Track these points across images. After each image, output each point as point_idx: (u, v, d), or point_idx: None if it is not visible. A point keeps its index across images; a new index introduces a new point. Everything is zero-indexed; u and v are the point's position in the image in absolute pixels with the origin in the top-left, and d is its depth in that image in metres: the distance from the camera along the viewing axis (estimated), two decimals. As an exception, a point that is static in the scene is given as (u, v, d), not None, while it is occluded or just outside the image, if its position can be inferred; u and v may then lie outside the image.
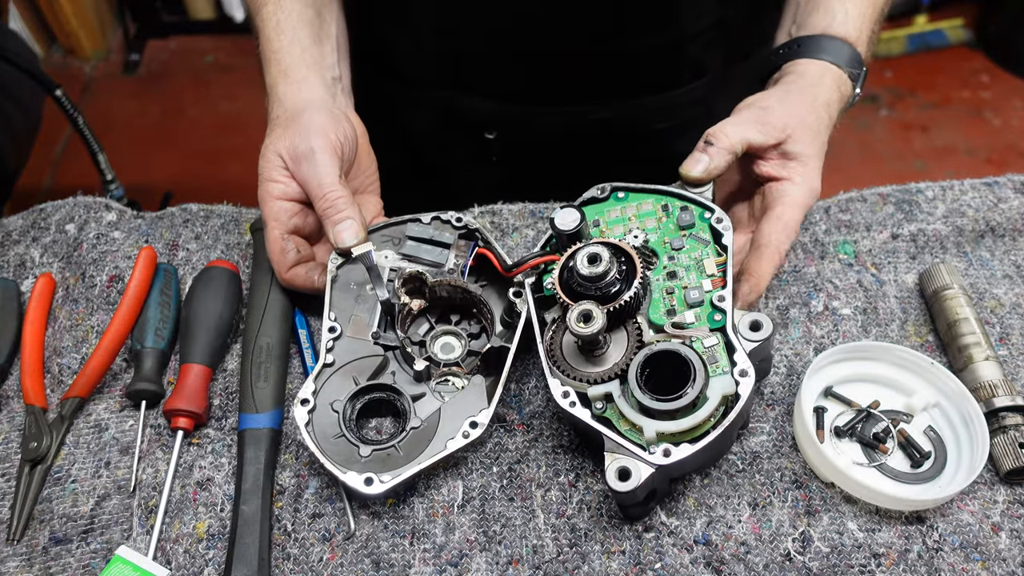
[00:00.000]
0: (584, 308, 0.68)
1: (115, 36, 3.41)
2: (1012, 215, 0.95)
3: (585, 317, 0.68)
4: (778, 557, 0.72)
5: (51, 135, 2.91)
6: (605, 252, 0.70)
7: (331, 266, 0.83)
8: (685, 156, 0.81)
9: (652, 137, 1.13)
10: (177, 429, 0.79)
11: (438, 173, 1.20)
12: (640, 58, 1.02)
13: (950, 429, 0.78)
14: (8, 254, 0.95)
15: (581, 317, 0.68)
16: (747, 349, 0.69)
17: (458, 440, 0.74)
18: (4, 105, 1.87)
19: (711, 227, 0.77)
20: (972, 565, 0.71)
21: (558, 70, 1.03)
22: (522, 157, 1.13)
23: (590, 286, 0.70)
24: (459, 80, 1.08)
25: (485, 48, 1.02)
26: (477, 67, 1.05)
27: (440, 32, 1.02)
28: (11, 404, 0.84)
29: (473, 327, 0.84)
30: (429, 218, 0.86)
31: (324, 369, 0.79)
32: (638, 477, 0.65)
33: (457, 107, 1.10)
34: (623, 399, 0.69)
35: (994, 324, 0.87)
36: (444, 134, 1.16)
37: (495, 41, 1.01)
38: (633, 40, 0.99)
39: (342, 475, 0.72)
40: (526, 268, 0.77)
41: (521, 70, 1.04)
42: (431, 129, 1.15)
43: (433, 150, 1.18)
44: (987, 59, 3.26)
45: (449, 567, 0.72)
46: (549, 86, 1.05)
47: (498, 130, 1.11)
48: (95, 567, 0.73)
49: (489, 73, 1.05)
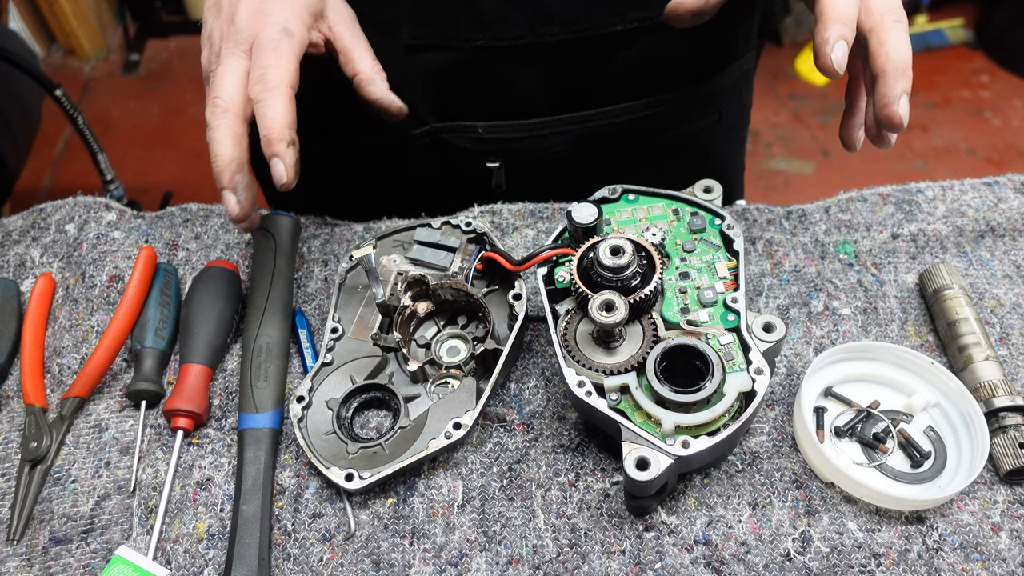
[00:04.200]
0: (607, 297, 0.69)
1: (115, 36, 3.42)
2: (1012, 215, 0.95)
3: (607, 307, 0.69)
4: (778, 557, 0.72)
5: (51, 135, 2.92)
6: (628, 245, 0.71)
7: (340, 270, 0.85)
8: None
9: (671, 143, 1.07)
10: (177, 429, 0.79)
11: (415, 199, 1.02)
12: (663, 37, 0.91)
13: (950, 429, 0.78)
14: (8, 254, 0.95)
15: (604, 306, 0.69)
16: (761, 350, 0.70)
17: (440, 440, 0.74)
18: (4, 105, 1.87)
19: (721, 233, 0.79)
20: (972, 565, 0.71)
21: (571, 64, 0.95)
22: (531, 181, 1.03)
23: (612, 278, 0.71)
24: (442, 105, 0.99)
25: (470, 51, 0.92)
26: (463, 80, 0.96)
27: (413, 51, 0.93)
28: (11, 404, 0.84)
29: (479, 331, 0.84)
30: (439, 223, 0.88)
31: (323, 368, 0.80)
32: (657, 467, 0.66)
33: (446, 142, 1.02)
34: (640, 391, 0.69)
35: (994, 324, 0.87)
36: (434, 176, 1.07)
37: (482, 38, 0.91)
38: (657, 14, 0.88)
39: (326, 470, 0.73)
40: (538, 261, 0.78)
41: (521, 71, 0.96)
42: (418, 175, 1.07)
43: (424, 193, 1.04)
44: (987, 59, 3.27)
45: (449, 567, 0.72)
46: (561, 88, 0.98)
47: (501, 156, 1.04)
48: (95, 567, 0.73)
49: (480, 84, 0.96)
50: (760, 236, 0.94)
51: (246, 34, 0.76)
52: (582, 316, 0.75)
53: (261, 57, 0.75)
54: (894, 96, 0.68)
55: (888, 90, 0.68)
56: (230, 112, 0.74)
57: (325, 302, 0.91)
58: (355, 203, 1.04)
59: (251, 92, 0.75)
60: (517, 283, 0.81)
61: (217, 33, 0.78)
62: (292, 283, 0.90)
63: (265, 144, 0.73)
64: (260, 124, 0.74)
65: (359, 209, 1.01)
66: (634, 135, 1.06)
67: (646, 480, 0.65)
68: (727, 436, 0.68)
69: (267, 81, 0.74)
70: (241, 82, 0.75)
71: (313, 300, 0.91)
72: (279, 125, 0.73)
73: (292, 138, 0.74)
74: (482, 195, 1.00)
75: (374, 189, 1.10)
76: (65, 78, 3.07)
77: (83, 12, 3.21)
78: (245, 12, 0.77)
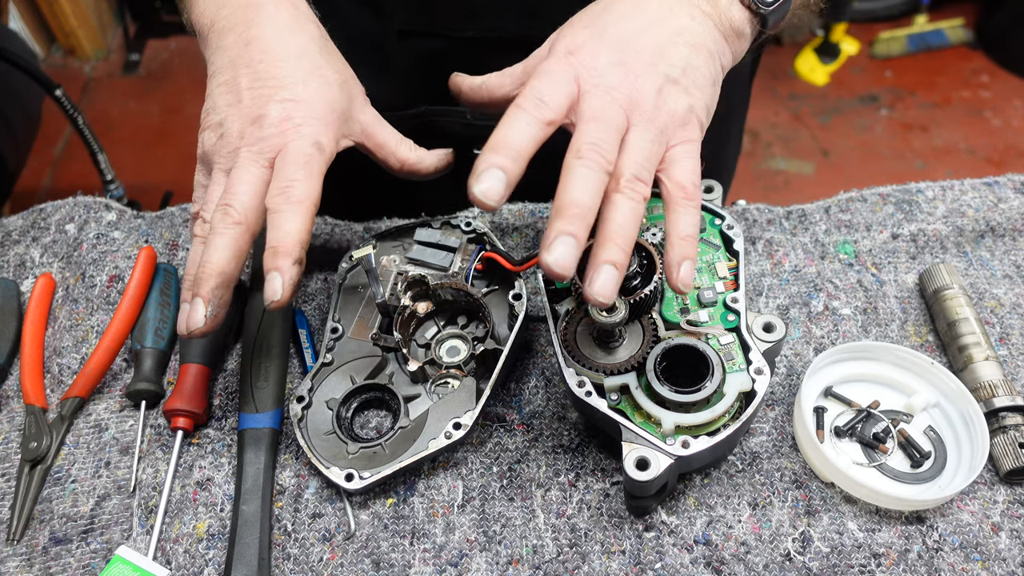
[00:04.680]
0: None
1: (115, 36, 3.42)
2: (1012, 215, 0.95)
3: (608, 307, 0.69)
4: (778, 557, 0.72)
5: (51, 135, 2.92)
6: None
7: (340, 270, 0.85)
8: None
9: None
10: (177, 429, 0.79)
11: (416, 202, 1.03)
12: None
13: (950, 429, 0.78)
14: (8, 254, 0.95)
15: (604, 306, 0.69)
16: (761, 350, 0.70)
17: (440, 440, 0.74)
18: (4, 105, 1.87)
19: (722, 233, 0.79)
20: (972, 565, 0.71)
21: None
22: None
23: None
24: (433, 89, 0.94)
25: (464, 39, 0.92)
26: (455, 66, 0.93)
27: (406, 35, 0.93)
28: (11, 404, 0.84)
29: (479, 331, 0.84)
30: (439, 223, 0.88)
31: (323, 368, 0.80)
32: (657, 467, 0.66)
33: (435, 125, 1.00)
34: (640, 391, 0.69)
35: (994, 324, 0.87)
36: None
37: (476, 28, 0.91)
38: None
39: (326, 470, 0.73)
40: (538, 261, 0.77)
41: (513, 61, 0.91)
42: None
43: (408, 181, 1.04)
44: (987, 59, 3.27)
45: (449, 567, 0.72)
46: None
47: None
48: (95, 567, 0.73)
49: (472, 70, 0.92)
50: (760, 236, 0.94)
51: (273, 143, 0.71)
52: (582, 316, 0.75)
53: (289, 170, 0.70)
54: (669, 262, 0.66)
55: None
56: (241, 225, 0.69)
57: (325, 302, 0.91)
58: (355, 203, 1.04)
59: (269, 203, 0.70)
60: (517, 283, 0.81)
61: (236, 128, 0.72)
62: (292, 283, 0.90)
63: (270, 255, 0.68)
64: (271, 234, 0.69)
65: (359, 209, 1.00)
66: None
67: (646, 480, 0.65)
68: (727, 436, 0.68)
69: (291, 196, 0.69)
70: (259, 194, 0.70)
71: (313, 300, 0.91)
72: (292, 240, 0.68)
73: (301, 257, 0.69)
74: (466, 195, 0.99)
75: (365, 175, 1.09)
76: (65, 78, 3.07)
77: (83, 12, 3.21)
78: (274, 117, 0.71)
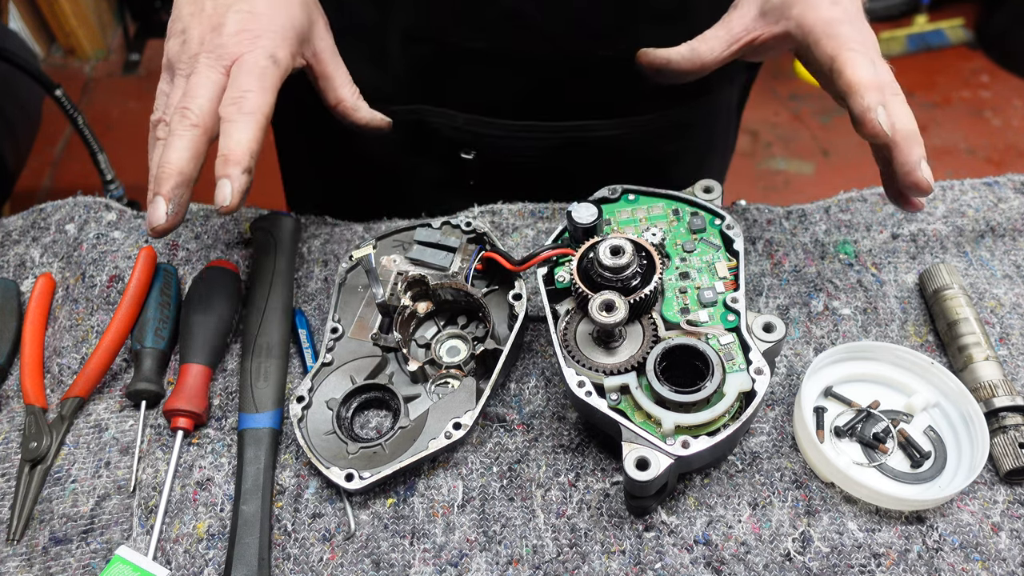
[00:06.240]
0: (607, 298, 0.69)
1: (115, 36, 3.42)
2: (1012, 215, 0.95)
3: (608, 307, 0.69)
4: (778, 557, 0.72)
5: (51, 135, 2.92)
6: (628, 245, 0.71)
7: (340, 270, 0.85)
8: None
9: (659, 162, 1.06)
10: (177, 429, 0.79)
11: (404, 199, 1.05)
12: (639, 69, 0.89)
13: (950, 429, 0.78)
14: (8, 254, 0.95)
15: (604, 306, 0.69)
16: (761, 349, 0.70)
17: (440, 440, 0.74)
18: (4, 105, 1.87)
19: (722, 233, 0.79)
20: (972, 565, 0.71)
21: (555, 77, 0.95)
22: (503, 180, 1.02)
23: (612, 277, 0.71)
24: (429, 90, 0.98)
25: (463, 51, 0.93)
26: (453, 74, 0.96)
27: (408, 39, 0.94)
28: (11, 404, 0.84)
29: (479, 331, 0.85)
30: (439, 223, 0.88)
31: (323, 368, 0.80)
32: (657, 467, 0.66)
33: (427, 123, 1.01)
34: (640, 391, 0.69)
35: (994, 324, 0.87)
36: (410, 157, 1.05)
37: (477, 41, 0.92)
38: (645, 35, 0.87)
39: (326, 470, 0.73)
40: (538, 261, 0.78)
41: (508, 76, 0.95)
42: (394, 151, 1.05)
43: (397, 175, 1.07)
44: (987, 59, 3.27)
45: (449, 567, 0.72)
46: (542, 97, 0.97)
47: (476, 149, 1.02)
48: (95, 567, 0.73)
49: (468, 80, 0.96)
50: (760, 236, 0.94)
51: (230, 51, 0.73)
52: (582, 316, 0.75)
53: (243, 80, 0.72)
54: (914, 163, 0.69)
55: (906, 158, 0.69)
56: (199, 128, 0.71)
57: (325, 302, 0.91)
58: (355, 203, 1.04)
59: (222, 111, 0.71)
60: (517, 283, 0.81)
61: (196, 35, 0.75)
62: (292, 283, 0.90)
63: (221, 162, 0.70)
64: (223, 142, 0.71)
65: (359, 209, 1.00)
66: (609, 149, 1.05)
67: (646, 480, 0.65)
68: (727, 436, 0.68)
69: (243, 107, 0.71)
70: (216, 98, 0.72)
71: (313, 300, 0.91)
72: (242, 150, 0.70)
73: (250, 166, 0.71)
74: (455, 187, 1.00)
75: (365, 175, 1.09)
76: (65, 78, 3.07)
77: (83, 12, 3.21)
78: (233, 26, 0.74)
